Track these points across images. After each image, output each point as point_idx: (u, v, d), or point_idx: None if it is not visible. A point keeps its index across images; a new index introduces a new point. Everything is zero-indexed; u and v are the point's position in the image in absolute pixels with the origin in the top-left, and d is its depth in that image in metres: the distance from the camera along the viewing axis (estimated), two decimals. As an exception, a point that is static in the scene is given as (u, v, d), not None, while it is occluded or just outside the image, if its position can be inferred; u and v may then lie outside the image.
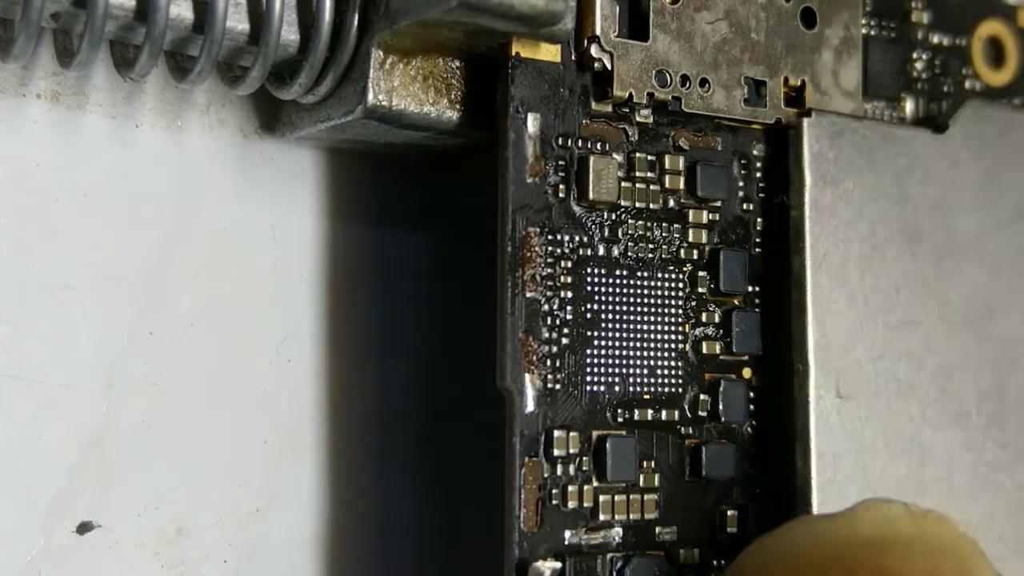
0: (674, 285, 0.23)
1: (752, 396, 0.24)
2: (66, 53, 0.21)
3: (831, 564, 0.20)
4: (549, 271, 0.22)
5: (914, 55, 0.27)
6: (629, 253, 0.23)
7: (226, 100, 0.24)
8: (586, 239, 0.22)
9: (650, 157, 0.23)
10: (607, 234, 0.23)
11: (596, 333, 0.22)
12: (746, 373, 0.24)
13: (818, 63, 0.25)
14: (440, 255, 0.26)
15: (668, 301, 0.23)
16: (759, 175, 0.24)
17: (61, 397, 0.22)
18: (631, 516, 0.22)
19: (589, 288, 0.22)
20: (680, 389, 0.23)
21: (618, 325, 0.23)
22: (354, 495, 0.25)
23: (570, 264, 0.22)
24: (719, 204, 0.24)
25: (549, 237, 0.22)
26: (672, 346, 0.23)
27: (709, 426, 0.24)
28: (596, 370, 0.22)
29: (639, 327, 0.23)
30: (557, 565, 0.22)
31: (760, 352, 0.24)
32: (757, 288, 0.24)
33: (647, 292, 0.23)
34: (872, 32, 0.26)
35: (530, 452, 0.21)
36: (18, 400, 0.22)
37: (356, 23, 0.21)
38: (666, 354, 0.23)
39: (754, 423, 0.24)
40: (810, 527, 0.21)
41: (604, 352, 0.23)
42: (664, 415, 0.23)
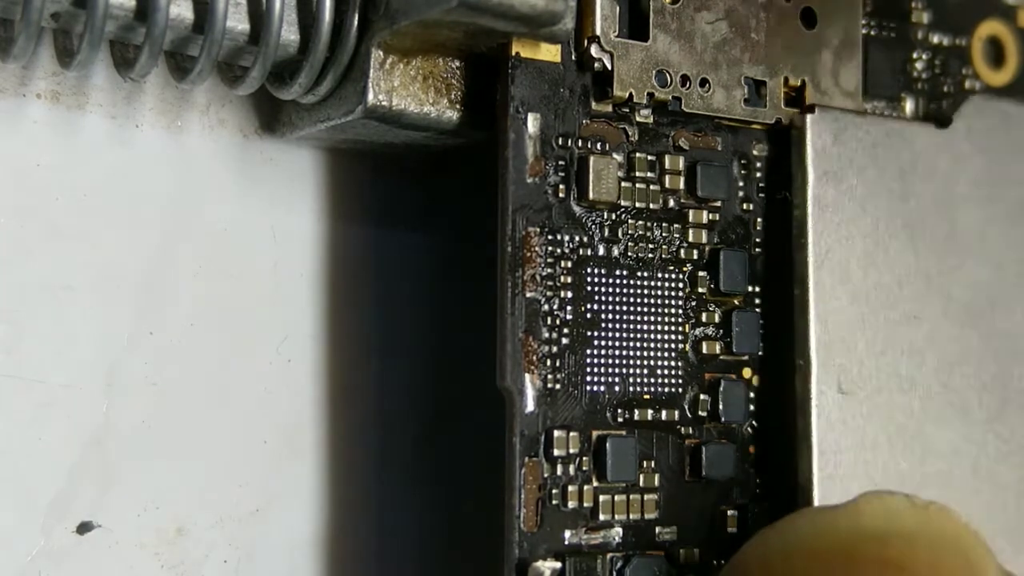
0: (674, 285, 0.23)
1: (752, 396, 0.24)
2: (66, 53, 0.21)
3: (833, 556, 0.20)
4: (549, 271, 0.22)
5: (914, 55, 0.27)
6: (629, 253, 0.23)
7: (226, 100, 0.24)
8: (586, 239, 0.22)
9: (650, 157, 0.23)
10: (607, 234, 0.23)
11: (596, 333, 0.22)
12: (746, 373, 0.24)
13: (818, 63, 0.25)
14: (440, 255, 0.26)
15: (668, 301, 0.23)
16: (759, 175, 0.24)
17: (61, 397, 0.22)
18: (631, 516, 0.22)
19: (589, 288, 0.22)
20: (680, 389, 0.23)
21: (618, 325, 0.23)
22: (354, 495, 0.25)
23: (570, 264, 0.22)
24: (719, 204, 0.24)
25: (549, 237, 0.22)
26: (672, 346, 0.23)
27: (709, 426, 0.24)
28: (596, 370, 0.22)
29: (639, 327, 0.23)
30: (557, 565, 0.22)
31: (760, 352, 0.24)
32: (757, 288, 0.24)
33: (647, 292, 0.23)
34: (872, 32, 0.26)
35: (530, 452, 0.21)
36: (18, 400, 0.22)
37: (356, 23, 0.21)
38: (666, 354, 0.23)
39: (754, 423, 0.24)
40: (812, 519, 0.21)
41: (604, 352, 0.23)
42: (664, 415, 0.23)
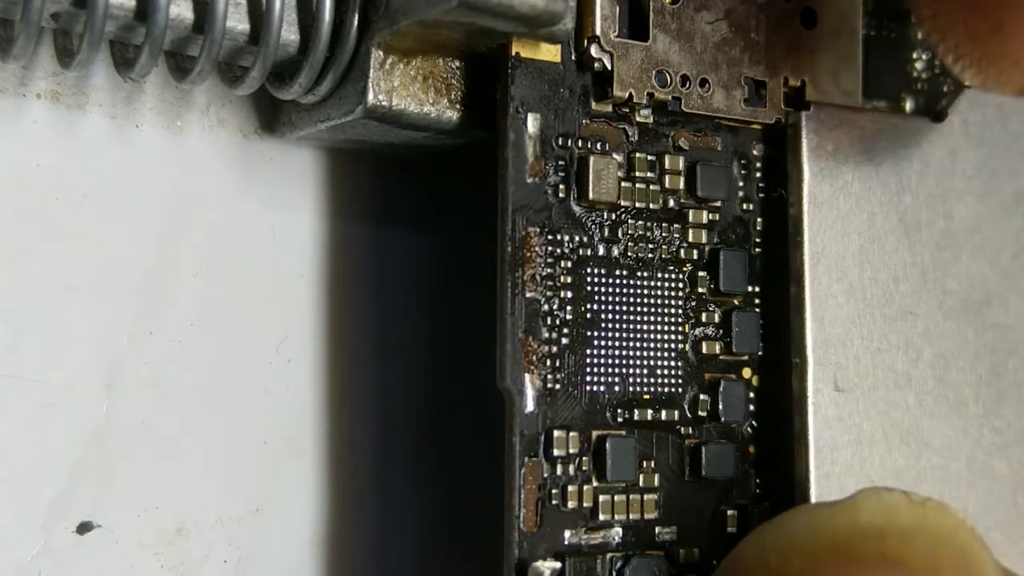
0: (674, 285, 0.23)
1: (752, 396, 0.24)
2: (66, 53, 0.21)
3: (831, 552, 0.20)
4: (549, 271, 0.22)
5: (914, 55, 0.27)
6: (629, 253, 0.23)
7: (226, 100, 0.24)
8: (586, 239, 0.22)
9: (650, 157, 0.23)
10: (607, 234, 0.23)
11: (596, 333, 0.22)
12: (746, 373, 0.24)
13: (818, 63, 0.25)
14: (440, 255, 0.26)
15: (668, 301, 0.23)
16: (759, 175, 0.24)
17: (61, 397, 0.22)
18: (631, 516, 0.22)
19: (589, 288, 0.22)
20: (680, 389, 0.23)
21: (618, 325, 0.23)
22: (354, 495, 0.25)
23: (570, 264, 0.22)
24: (719, 204, 0.24)
25: (549, 237, 0.22)
26: (672, 346, 0.23)
27: (709, 426, 0.24)
28: (596, 370, 0.22)
29: (639, 327, 0.23)
30: (557, 565, 0.22)
31: (760, 352, 0.24)
32: (757, 288, 0.24)
33: (647, 292, 0.23)
34: (872, 32, 0.26)
35: (530, 452, 0.21)
36: (18, 400, 0.22)
37: (356, 23, 0.21)
38: (666, 354, 0.23)
39: (754, 423, 0.24)
40: (809, 515, 0.21)
41: (604, 352, 0.22)
42: (664, 415, 0.23)
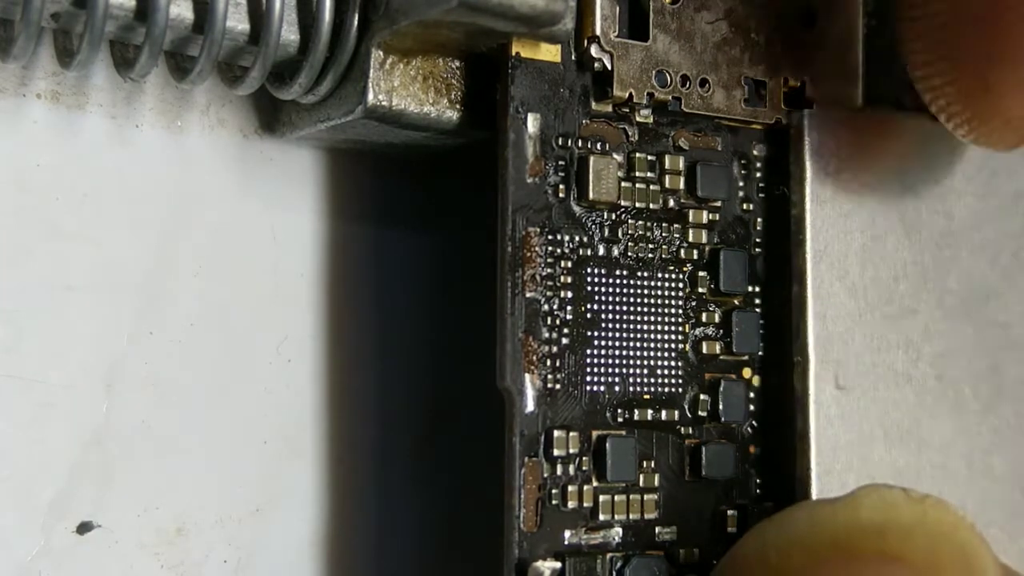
0: (674, 285, 0.23)
1: (752, 396, 0.24)
2: (66, 53, 0.21)
3: (831, 549, 0.20)
4: (549, 271, 0.22)
5: (914, 55, 0.27)
6: (629, 253, 0.23)
7: (226, 100, 0.24)
8: (586, 239, 0.22)
9: (650, 157, 0.23)
10: (607, 234, 0.23)
11: (596, 333, 0.22)
12: (746, 373, 0.24)
13: (818, 63, 0.25)
14: (440, 255, 0.26)
15: (668, 301, 0.23)
16: (759, 175, 0.24)
17: (61, 397, 0.22)
18: (631, 516, 0.22)
19: (589, 288, 0.22)
20: (680, 389, 0.23)
21: (618, 325, 0.23)
22: (354, 495, 0.25)
23: (570, 264, 0.22)
24: (719, 204, 0.24)
25: (549, 237, 0.22)
26: (672, 346, 0.23)
27: (709, 426, 0.24)
28: (596, 370, 0.22)
29: (639, 327, 0.23)
30: (557, 565, 0.22)
31: (760, 352, 0.24)
32: (757, 288, 0.24)
33: (647, 292, 0.23)
34: (872, 32, 0.26)
35: (530, 452, 0.21)
36: (18, 400, 0.22)
37: (356, 23, 0.21)
38: (666, 354, 0.23)
39: (754, 423, 0.24)
40: (809, 513, 0.21)
41: (604, 352, 0.22)
42: (664, 415, 0.23)
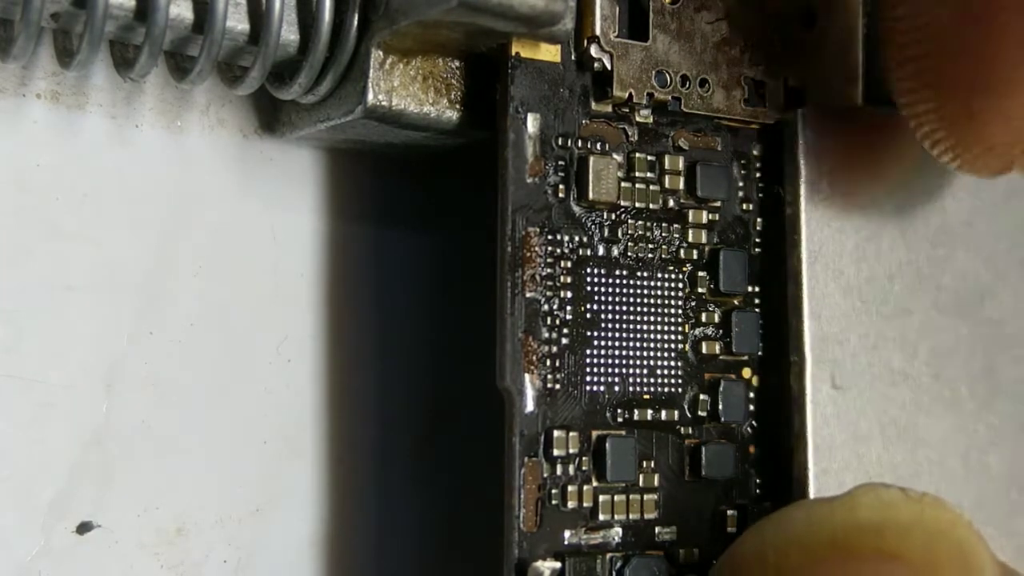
0: (674, 285, 0.23)
1: (752, 396, 0.24)
2: (66, 53, 0.21)
3: (829, 548, 0.20)
4: (549, 271, 0.22)
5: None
6: (629, 253, 0.23)
7: (226, 100, 0.24)
8: (586, 239, 0.22)
9: (650, 157, 0.23)
10: (607, 234, 0.23)
11: (596, 333, 0.22)
12: (746, 373, 0.24)
13: (818, 63, 0.25)
14: (440, 255, 0.26)
15: (668, 301, 0.23)
16: (759, 175, 0.24)
17: (61, 397, 0.22)
18: (631, 516, 0.22)
19: (589, 288, 0.22)
20: (680, 389, 0.23)
21: (618, 325, 0.23)
22: (354, 495, 0.25)
23: (570, 264, 0.22)
24: (719, 204, 0.24)
25: (549, 237, 0.22)
26: (672, 346, 0.23)
27: (709, 426, 0.24)
28: (596, 370, 0.22)
29: (639, 327, 0.23)
30: (557, 565, 0.22)
31: (760, 352, 0.24)
32: (757, 288, 0.24)
33: (647, 292, 0.23)
34: (872, 32, 0.26)
35: (530, 452, 0.21)
36: (18, 400, 0.22)
37: (356, 23, 0.21)
38: (666, 354, 0.23)
39: (754, 423, 0.24)
40: (807, 512, 0.21)
41: (604, 352, 0.22)
42: (664, 415, 0.23)
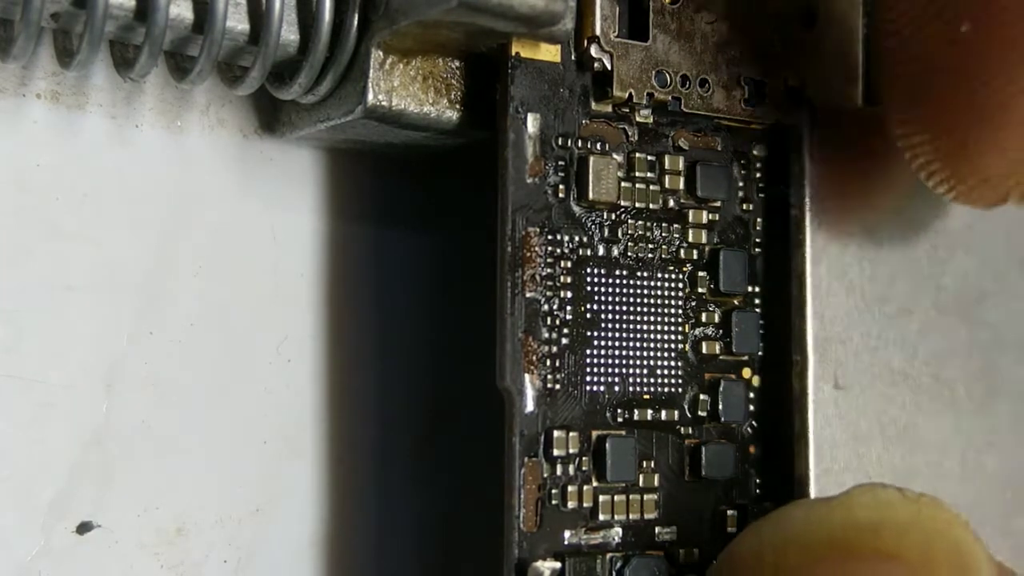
0: (674, 285, 0.23)
1: (752, 396, 0.24)
2: (66, 53, 0.21)
3: (827, 547, 0.20)
4: (549, 271, 0.22)
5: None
6: (629, 253, 0.23)
7: (226, 100, 0.24)
8: (586, 239, 0.22)
9: (650, 157, 0.23)
10: (607, 234, 0.23)
11: (596, 333, 0.22)
12: (746, 373, 0.24)
13: (818, 63, 0.25)
14: (440, 255, 0.26)
15: (668, 301, 0.23)
16: (759, 175, 0.24)
17: (61, 397, 0.22)
18: (631, 516, 0.22)
19: (589, 288, 0.22)
20: (680, 389, 0.23)
21: (618, 325, 0.23)
22: (354, 495, 0.25)
23: (570, 264, 0.22)
24: (719, 204, 0.24)
25: (549, 237, 0.22)
26: (672, 346, 0.23)
27: (709, 426, 0.24)
28: (596, 370, 0.22)
29: (639, 327, 0.23)
30: (557, 565, 0.22)
31: (760, 352, 0.24)
32: (757, 288, 0.24)
33: (647, 292, 0.23)
34: (872, 32, 0.26)
35: (530, 452, 0.21)
36: (18, 400, 0.22)
37: (356, 23, 0.21)
38: (666, 354, 0.23)
39: (754, 423, 0.24)
40: (805, 511, 0.21)
41: (604, 352, 0.22)
42: (664, 415, 0.23)
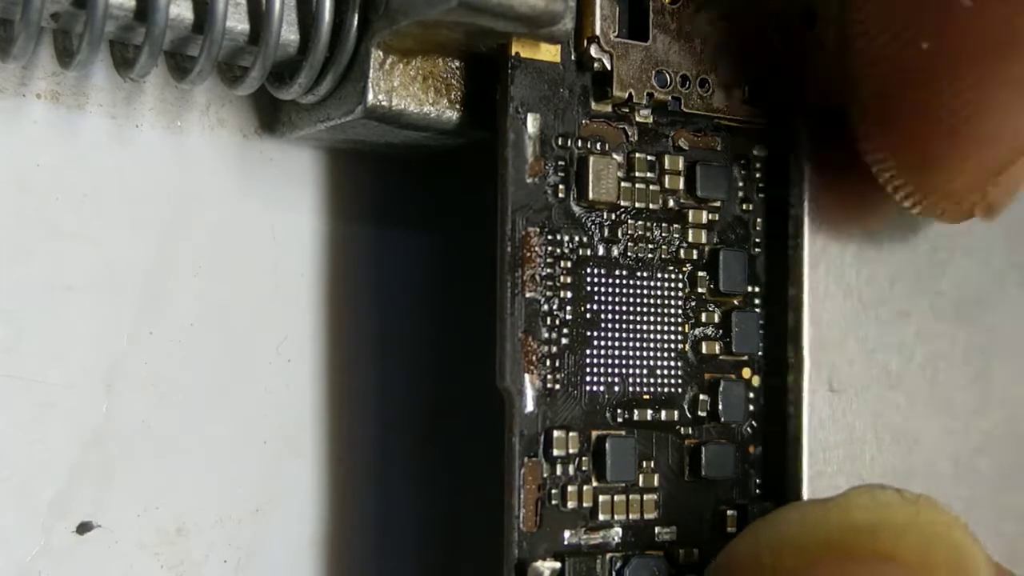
0: (674, 285, 0.23)
1: (752, 396, 0.24)
2: (66, 53, 0.21)
3: (824, 549, 0.20)
4: (549, 271, 0.22)
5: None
6: (629, 253, 0.23)
7: (226, 100, 0.24)
8: (586, 239, 0.22)
9: (650, 157, 0.23)
10: (607, 234, 0.23)
11: (596, 333, 0.22)
12: (746, 373, 0.24)
13: (818, 63, 0.25)
14: (440, 255, 0.26)
15: (668, 301, 0.23)
16: (759, 175, 0.24)
17: (61, 397, 0.22)
18: (630, 516, 0.22)
19: (589, 288, 0.22)
20: (680, 389, 0.23)
21: (618, 325, 0.23)
22: (354, 495, 0.25)
23: (570, 264, 0.22)
24: (719, 204, 0.24)
25: (549, 237, 0.22)
26: (672, 346, 0.23)
27: (709, 426, 0.24)
28: (596, 370, 0.22)
29: (639, 327, 0.23)
30: (556, 565, 0.22)
31: (760, 352, 0.24)
32: (757, 288, 0.24)
33: (647, 292, 0.23)
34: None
35: (530, 452, 0.21)
36: (18, 400, 0.22)
37: (356, 23, 0.21)
38: (666, 354, 0.23)
39: (753, 423, 0.24)
40: (802, 513, 0.21)
41: (604, 352, 0.22)
42: (664, 415, 0.23)
